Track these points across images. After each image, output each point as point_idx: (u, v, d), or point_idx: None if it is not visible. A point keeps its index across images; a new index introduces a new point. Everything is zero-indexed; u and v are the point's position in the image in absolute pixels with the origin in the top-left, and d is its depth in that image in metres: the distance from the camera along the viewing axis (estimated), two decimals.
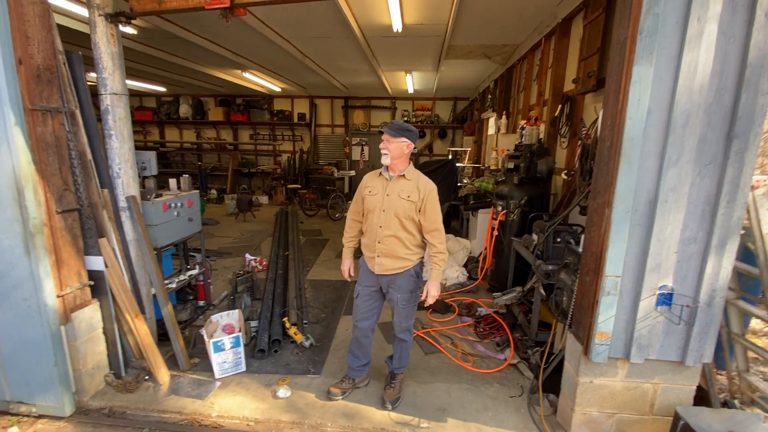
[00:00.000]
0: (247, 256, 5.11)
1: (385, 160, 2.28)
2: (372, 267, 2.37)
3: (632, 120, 1.81)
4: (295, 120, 11.54)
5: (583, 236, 2.57)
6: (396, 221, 2.27)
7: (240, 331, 2.98)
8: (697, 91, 1.78)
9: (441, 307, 3.88)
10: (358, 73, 8.25)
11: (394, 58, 6.76)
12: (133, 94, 11.51)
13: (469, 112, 10.71)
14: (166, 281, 3.34)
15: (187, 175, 3.54)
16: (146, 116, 11.79)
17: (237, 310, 3.14)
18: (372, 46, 5.99)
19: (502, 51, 6.17)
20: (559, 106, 3.85)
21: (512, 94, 6.43)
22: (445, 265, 4.92)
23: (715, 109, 1.80)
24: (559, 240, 3.01)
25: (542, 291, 2.98)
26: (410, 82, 8.89)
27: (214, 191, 10.95)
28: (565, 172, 3.74)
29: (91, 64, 2.63)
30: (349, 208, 2.53)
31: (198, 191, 3.64)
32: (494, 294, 3.60)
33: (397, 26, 4.81)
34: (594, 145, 2.99)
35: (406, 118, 11.29)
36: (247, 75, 8.37)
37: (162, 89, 10.74)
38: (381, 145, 2.26)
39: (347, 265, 2.58)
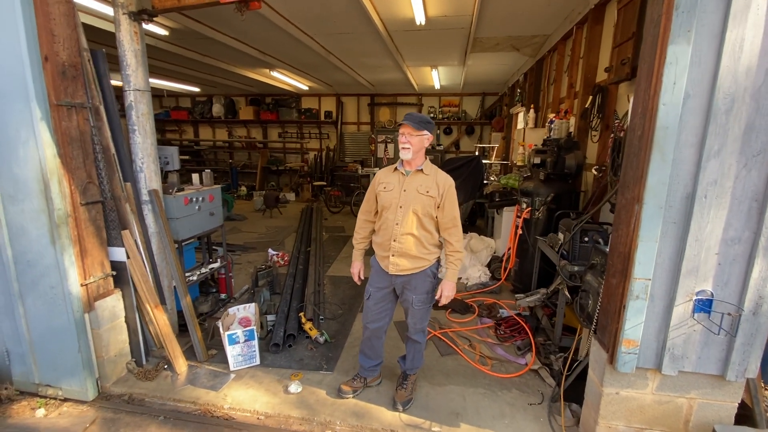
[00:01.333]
0: (270, 251, 5.19)
1: (406, 155, 2.16)
2: (386, 267, 2.27)
3: (666, 106, 1.64)
4: (322, 118, 11.66)
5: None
6: (414, 218, 2.16)
7: (256, 324, 3.00)
8: (743, 73, 1.58)
9: (460, 307, 3.75)
10: (383, 69, 8.18)
11: (419, 53, 6.64)
12: (170, 94, 12.05)
13: (497, 107, 10.40)
14: (188, 274, 3.42)
15: (209, 171, 3.62)
16: (182, 116, 12.28)
17: (254, 304, 3.16)
18: (396, 41, 5.90)
19: (532, 42, 5.91)
20: (590, 97, 3.61)
21: (542, 87, 6.15)
22: (467, 264, 4.79)
23: (764, 92, 1.59)
24: (586, 239, 2.82)
25: (567, 293, 2.80)
26: (436, 78, 8.73)
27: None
28: (596, 167, 3.51)
29: (115, 62, 2.72)
30: (361, 207, 2.45)
31: (220, 186, 3.71)
32: (517, 296, 3.44)
33: (420, 19, 4.70)
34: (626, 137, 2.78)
35: (432, 115, 11.12)
36: (275, 74, 8.52)
37: (196, 90, 11.14)
38: (401, 139, 2.15)
39: (357, 267, 2.49)
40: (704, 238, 1.72)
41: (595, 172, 3.51)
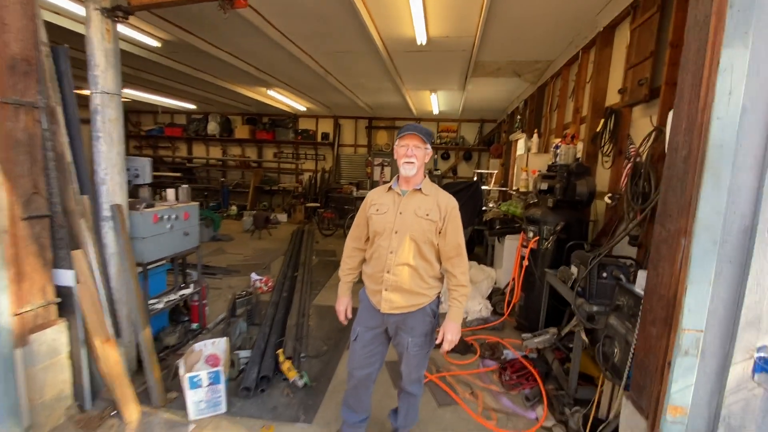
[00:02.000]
0: (253, 275, 4.79)
1: (410, 170, 1.81)
2: (377, 303, 1.90)
3: (721, 120, 1.36)
4: (319, 139, 11.50)
5: (640, 273, 2.07)
6: (411, 246, 1.83)
7: (225, 363, 2.59)
8: None
9: (461, 346, 3.36)
10: (383, 92, 8.07)
11: (419, 76, 6.52)
12: (165, 111, 11.86)
13: (496, 134, 10.31)
14: (153, 301, 3.03)
15: (187, 186, 3.29)
16: (176, 132, 12.06)
17: (224, 339, 2.76)
18: (396, 62, 5.76)
19: (534, 68, 5.80)
20: (602, 120, 3.39)
21: (544, 113, 5.99)
22: (467, 299, 4.42)
23: None
24: (605, 275, 2.50)
25: (584, 337, 2.45)
26: (435, 103, 8.63)
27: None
28: (609, 195, 3.24)
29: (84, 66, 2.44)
30: (349, 232, 2.11)
31: (197, 204, 3.37)
32: (524, 335, 3.07)
33: (421, 39, 4.54)
34: (650, 162, 2.51)
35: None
36: (271, 93, 8.36)
37: (192, 107, 10.98)
38: (406, 152, 1.81)
39: (344, 303, 2.09)
40: None
41: (608, 200, 3.23)
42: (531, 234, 3.41)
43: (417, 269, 1.85)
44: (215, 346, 2.74)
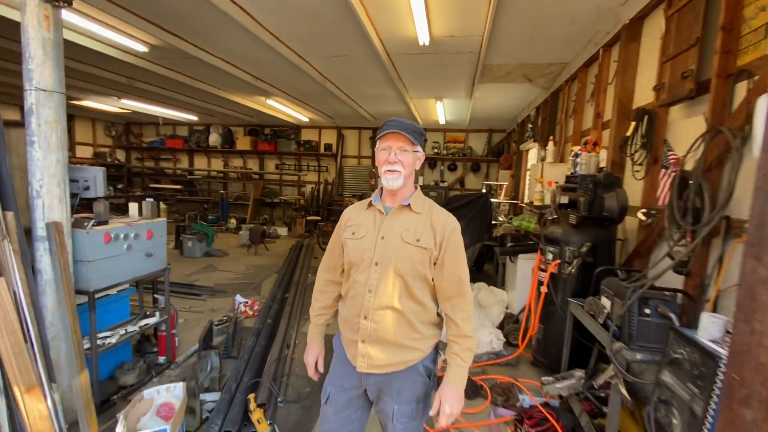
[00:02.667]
0: (238, 297, 4.35)
1: (393, 181, 1.34)
2: (352, 358, 1.42)
3: None
4: (322, 150, 11.18)
5: (704, 317, 1.57)
6: (397, 283, 1.36)
7: (177, 416, 2.12)
8: None
9: (468, 388, 2.84)
10: (385, 100, 7.72)
11: (423, 81, 6.13)
12: (167, 122, 11.69)
13: (505, 144, 9.87)
14: (106, 334, 2.59)
15: (152, 200, 2.88)
16: (177, 144, 11.88)
17: (181, 384, 2.30)
18: (397, 66, 5.38)
19: (547, 72, 5.37)
20: (632, 124, 2.91)
21: (559, 119, 5.53)
22: (475, 325, 3.88)
23: None
24: (647, 311, 1.99)
25: (625, 392, 1.93)
26: (441, 112, 8.24)
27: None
28: (643, 210, 2.74)
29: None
30: (322, 260, 1.64)
31: (164, 220, 2.96)
32: (544, 379, 2.55)
33: (423, 39, 4.15)
34: (701, 172, 2.03)
35: (436, 150, 10.59)
36: (271, 102, 8.07)
37: (194, 118, 10.78)
38: (388, 157, 1.34)
39: (313, 354, 1.62)
40: None
41: (642, 217, 2.73)
42: (551, 256, 2.91)
43: (405, 314, 1.37)
44: (170, 393, 2.27)
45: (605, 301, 2.27)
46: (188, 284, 5.30)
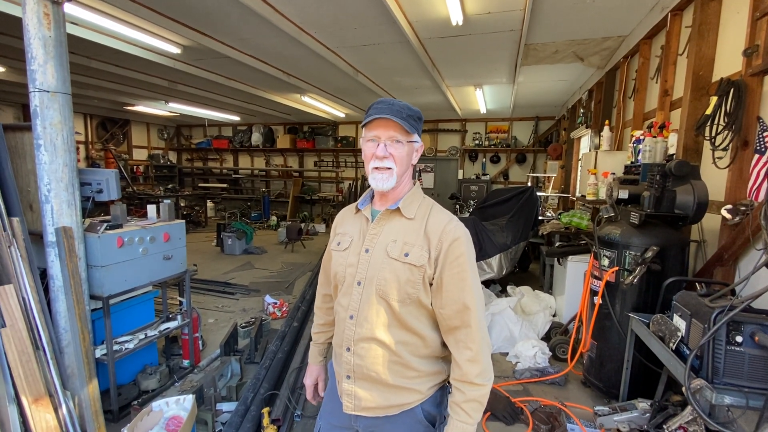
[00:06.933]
0: (267, 298, 4.27)
1: (382, 182, 1.06)
2: (341, 395, 1.17)
3: None
4: (359, 146, 11.02)
5: None
6: (381, 309, 1.07)
7: (185, 429, 2.00)
8: None
9: (506, 411, 2.49)
10: (421, 90, 7.37)
11: (459, 68, 5.70)
12: (212, 124, 12.15)
13: (554, 132, 9.10)
14: (125, 338, 2.55)
15: (169, 202, 2.81)
16: (222, 144, 12.32)
17: (191, 396, 2.18)
18: (430, 52, 5.02)
19: (602, 48, 4.73)
20: (713, 99, 2.36)
21: (616, 102, 4.88)
22: (516, 335, 3.42)
23: None
24: (740, 341, 1.54)
25: None
26: (482, 100, 7.70)
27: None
28: (728, 207, 2.21)
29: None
30: (320, 273, 1.40)
31: (183, 222, 2.88)
32: (597, 409, 2.14)
33: (456, 18, 3.76)
34: None
35: (477, 142, 10.02)
36: (306, 99, 8.03)
37: (236, 118, 11.09)
38: (375, 151, 1.05)
39: (313, 375, 1.40)
40: None
41: (728, 215, 2.20)
42: (607, 262, 2.45)
43: (394, 347, 1.07)
44: (179, 405, 2.16)
45: (679, 322, 1.83)
46: (224, 282, 5.35)
